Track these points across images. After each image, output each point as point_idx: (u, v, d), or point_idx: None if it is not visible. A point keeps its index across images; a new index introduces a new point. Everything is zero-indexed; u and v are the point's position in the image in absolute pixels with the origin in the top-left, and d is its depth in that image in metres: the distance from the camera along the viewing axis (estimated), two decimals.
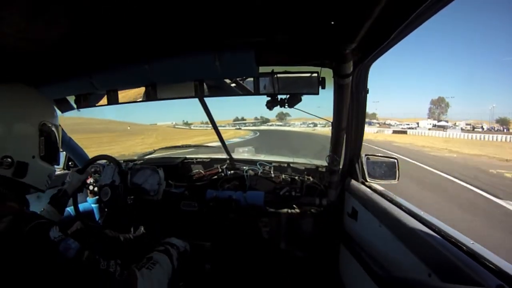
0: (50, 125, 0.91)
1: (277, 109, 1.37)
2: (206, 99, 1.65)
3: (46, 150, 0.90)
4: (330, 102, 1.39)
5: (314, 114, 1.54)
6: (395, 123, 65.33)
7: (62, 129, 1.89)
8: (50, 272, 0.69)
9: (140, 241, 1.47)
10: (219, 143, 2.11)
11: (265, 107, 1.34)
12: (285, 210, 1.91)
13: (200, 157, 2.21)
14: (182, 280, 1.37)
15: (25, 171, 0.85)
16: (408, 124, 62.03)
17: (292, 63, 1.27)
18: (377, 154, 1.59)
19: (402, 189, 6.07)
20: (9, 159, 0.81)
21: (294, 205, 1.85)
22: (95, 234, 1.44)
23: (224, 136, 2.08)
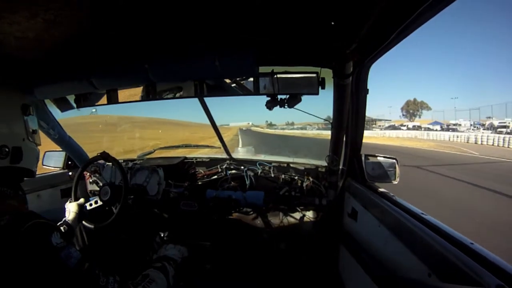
0: (29, 106, 0.94)
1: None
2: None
3: (31, 130, 0.93)
4: (330, 102, 1.40)
5: (314, 114, 1.53)
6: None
7: (62, 128, 1.91)
8: (47, 278, 0.68)
9: (140, 241, 1.48)
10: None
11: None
12: (285, 210, 1.91)
13: (200, 157, 2.21)
14: (182, 280, 1.37)
15: (20, 155, 0.87)
16: None
17: (292, 63, 1.27)
18: (376, 154, 1.58)
19: None
20: (6, 148, 0.83)
21: (293, 205, 1.85)
22: (96, 234, 1.44)
23: None
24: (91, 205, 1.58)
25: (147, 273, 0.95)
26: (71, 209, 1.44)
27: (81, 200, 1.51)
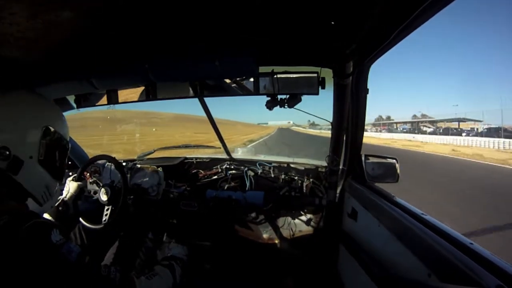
0: (54, 133, 0.90)
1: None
2: None
3: (45, 156, 0.88)
4: (330, 102, 1.40)
5: (314, 114, 1.54)
6: None
7: None
8: (50, 275, 0.68)
9: (139, 240, 1.48)
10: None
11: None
12: (285, 210, 1.91)
13: (200, 157, 2.21)
14: (181, 280, 1.37)
15: (18, 167, 0.82)
16: None
17: (292, 63, 1.27)
18: (376, 155, 1.58)
19: None
20: (7, 152, 0.80)
21: (293, 205, 1.85)
22: (96, 234, 1.44)
23: None
24: (89, 192, 1.61)
25: (153, 268, 0.97)
26: (70, 188, 1.42)
27: (82, 183, 1.50)
